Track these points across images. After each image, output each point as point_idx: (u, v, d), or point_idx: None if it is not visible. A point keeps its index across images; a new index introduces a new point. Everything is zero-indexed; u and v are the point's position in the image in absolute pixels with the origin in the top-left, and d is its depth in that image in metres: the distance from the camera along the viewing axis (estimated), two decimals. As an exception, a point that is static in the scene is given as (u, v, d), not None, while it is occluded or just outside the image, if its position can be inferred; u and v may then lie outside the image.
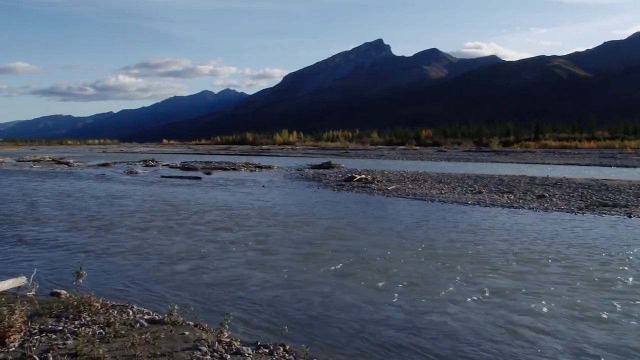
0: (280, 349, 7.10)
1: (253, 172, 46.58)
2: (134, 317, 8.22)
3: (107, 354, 6.45)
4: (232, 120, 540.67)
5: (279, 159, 75.39)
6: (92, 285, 10.00)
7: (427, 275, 11.17)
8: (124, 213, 20.98)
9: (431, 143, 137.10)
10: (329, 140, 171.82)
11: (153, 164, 58.86)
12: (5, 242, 15.15)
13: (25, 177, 42.18)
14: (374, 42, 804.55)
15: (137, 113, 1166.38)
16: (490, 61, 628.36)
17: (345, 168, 48.34)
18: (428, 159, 68.81)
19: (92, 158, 78.82)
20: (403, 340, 7.70)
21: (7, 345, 6.70)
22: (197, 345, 7.01)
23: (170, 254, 13.55)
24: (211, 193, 28.71)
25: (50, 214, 20.97)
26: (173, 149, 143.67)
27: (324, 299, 9.66)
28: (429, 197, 25.07)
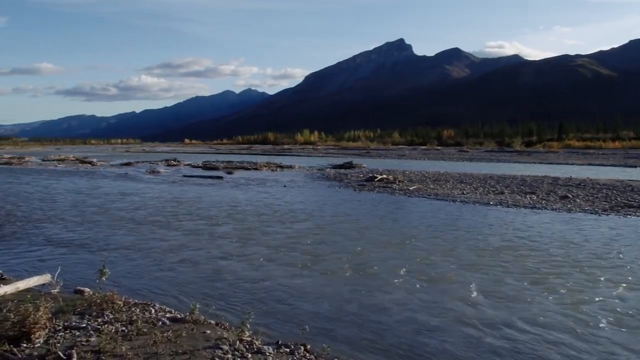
0: (301, 349, 7.11)
1: (274, 171, 46.67)
2: (156, 315, 8.28)
3: (129, 352, 6.51)
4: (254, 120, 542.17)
5: (300, 158, 75.45)
6: (115, 283, 10.10)
7: (451, 277, 11.11)
8: (146, 212, 21.14)
9: (453, 143, 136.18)
10: (350, 140, 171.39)
11: (175, 163, 59.19)
12: (30, 240, 15.36)
13: (50, 176, 42.70)
14: (395, 42, 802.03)
15: (160, 113, 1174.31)
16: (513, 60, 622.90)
17: (367, 168, 48.25)
18: (450, 159, 68.40)
19: (115, 157, 79.50)
20: (426, 342, 7.67)
21: (33, 341, 6.79)
22: (218, 343, 7.05)
23: (192, 253, 13.64)
24: (232, 192, 28.83)
25: (73, 212, 21.21)
26: (195, 149, 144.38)
27: (345, 299, 9.66)
28: (451, 197, 24.92)
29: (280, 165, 52.04)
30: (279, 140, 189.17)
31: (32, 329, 6.85)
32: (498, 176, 35.66)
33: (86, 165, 59.41)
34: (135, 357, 6.42)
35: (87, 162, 63.91)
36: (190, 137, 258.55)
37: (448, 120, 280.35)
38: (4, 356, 6.34)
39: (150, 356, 6.48)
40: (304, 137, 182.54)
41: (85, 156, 78.59)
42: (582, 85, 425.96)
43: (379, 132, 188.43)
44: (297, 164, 55.07)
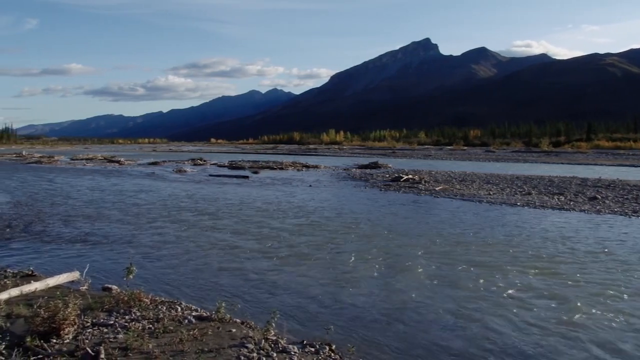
0: (326, 348, 7.11)
1: (300, 171, 46.73)
2: (182, 313, 8.35)
3: (156, 349, 6.57)
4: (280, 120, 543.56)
5: (325, 158, 75.44)
6: (141, 281, 10.20)
7: (478, 279, 11.02)
8: (173, 211, 21.32)
9: (479, 143, 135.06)
10: (376, 140, 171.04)
11: (201, 162, 59.62)
12: (59, 238, 15.58)
13: (78, 174, 43.29)
14: (421, 41, 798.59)
15: (186, 113, 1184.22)
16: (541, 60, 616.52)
17: (392, 168, 48.10)
18: (476, 160, 67.84)
19: (142, 157, 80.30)
20: (449, 343, 7.62)
21: (62, 337, 6.89)
22: (243, 342, 7.08)
23: (218, 251, 13.72)
24: (258, 192, 28.93)
25: (101, 210, 21.47)
26: (221, 148, 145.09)
27: (370, 299, 9.65)
28: (477, 197, 24.73)
29: (305, 165, 52.08)
30: (305, 140, 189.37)
31: (61, 325, 6.96)
32: (525, 177, 35.29)
33: (114, 164, 60.11)
34: (161, 354, 6.48)
35: (114, 161, 64.69)
36: (216, 137, 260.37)
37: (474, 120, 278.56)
38: (34, 351, 6.44)
39: (176, 354, 6.54)
40: (330, 137, 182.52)
41: (113, 155, 79.54)
42: (612, 84, 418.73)
43: (404, 132, 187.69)
44: (322, 164, 55.05)
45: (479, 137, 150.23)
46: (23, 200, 24.80)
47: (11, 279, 10.23)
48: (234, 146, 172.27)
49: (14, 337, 6.87)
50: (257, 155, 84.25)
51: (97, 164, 60.02)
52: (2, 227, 17.25)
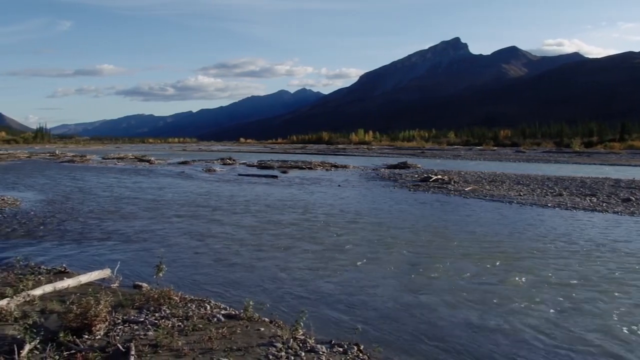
0: (354, 348, 7.11)
1: (329, 171, 46.75)
2: (211, 311, 8.42)
3: (185, 347, 6.63)
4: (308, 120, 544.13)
5: (354, 158, 75.33)
6: (171, 279, 10.29)
7: (509, 281, 10.93)
8: (202, 210, 21.49)
9: (509, 143, 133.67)
10: (405, 140, 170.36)
11: (230, 162, 59.93)
12: (91, 236, 15.81)
13: (109, 173, 43.88)
14: (451, 41, 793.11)
15: (216, 112, 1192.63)
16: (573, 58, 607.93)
17: (422, 168, 47.84)
18: (506, 160, 67.16)
19: (172, 156, 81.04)
20: (479, 346, 7.57)
21: (94, 333, 7.00)
22: (272, 341, 7.11)
23: (247, 250, 13.79)
24: (287, 191, 29.00)
25: (132, 209, 21.73)
26: (250, 148, 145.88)
27: (400, 300, 9.61)
28: (507, 198, 24.48)
29: (334, 165, 52.09)
30: (334, 139, 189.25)
31: (93, 321, 7.07)
32: (556, 177, 34.84)
33: (144, 163, 60.80)
34: (190, 352, 6.54)
35: (145, 160, 65.43)
36: (246, 137, 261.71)
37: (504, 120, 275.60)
38: (67, 346, 6.55)
39: (205, 351, 6.59)
40: (359, 137, 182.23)
41: (144, 154, 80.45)
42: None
43: (434, 132, 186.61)
44: (351, 164, 55.00)
45: (509, 137, 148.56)
46: (56, 199, 25.22)
47: (45, 276, 10.43)
48: (263, 146, 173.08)
49: (47, 332, 7.00)
50: (286, 155, 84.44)
51: (127, 163, 60.75)
52: (36, 225, 17.57)
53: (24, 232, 16.29)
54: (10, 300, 8.05)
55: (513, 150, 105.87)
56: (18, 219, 18.87)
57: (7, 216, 19.40)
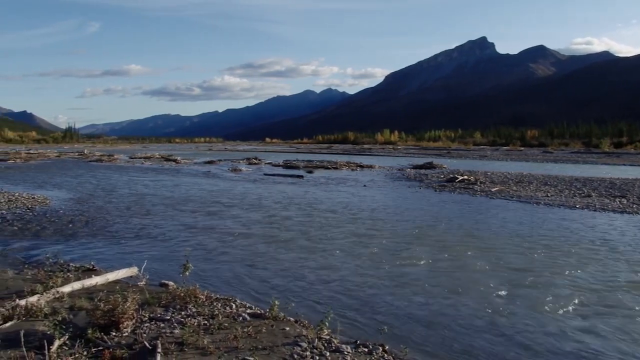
0: (379, 349, 7.09)
1: (354, 171, 46.69)
2: (237, 310, 8.46)
3: (211, 345, 6.67)
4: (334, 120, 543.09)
5: (380, 158, 75.14)
6: (197, 277, 10.36)
7: (537, 283, 10.82)
8: (227, 209, 21.62)
9: (537, 144, 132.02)
10: (431, 140, 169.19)
11: (256, 162, 60.07)
12: (118, 234, 16.00)
13: (136, 172, 44.33)
14: (477, 40, 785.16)
15: (241, 112, 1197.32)
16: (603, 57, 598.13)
17: (448, 168, 47.54)
18: (533, 160, 66.44)
19: (198, 156, 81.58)
20: (506, 350, 7.50)
21: (121, 330, 7.08)
22: (297, 340, 7.12)
23: (273, 249, 13.85)
24: (312, 191, 29.04)
25: (159, 208, 21.93)
26: (275, 148, 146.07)
27: (425, 301, 9.58)
28: (534, 199, 24.23)
29: (360, 165, 52.01)
30: (359, 139, 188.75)
31: (120, 318, 7.15)
32: (584, 178, 34.40)
33: (171, 163, 61.29)
34: (216, 350, 6.58)
35: (171, 159, 65.96)
36: (271, 136, 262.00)
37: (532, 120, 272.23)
38: (95, 342, 6.64)
39: (230, 350, 6.62)
40: (384, 137, 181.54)
41: (170, 154, 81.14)
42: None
43: (460, 132, 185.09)
44: (377, 164, 54.86)
45: (537, 137, 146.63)
46: (84, 198, 25.54)
47: (74, 273, 10.57)
48: (289, 146, 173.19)
49: (76, 329, 7.10)
50: (311, 155, 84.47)
51: (154, 163, 61.30)
52: (65, 223, 17.82)
53: (53, 230, 16.53)
54: (40, 297, 8.18)
55: (540, 150, 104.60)
56: (48, 217, 19.15)
57: (37, 214, 19.70)
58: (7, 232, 16.00)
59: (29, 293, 8.51)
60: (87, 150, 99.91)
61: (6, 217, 18.68)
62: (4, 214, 19.53)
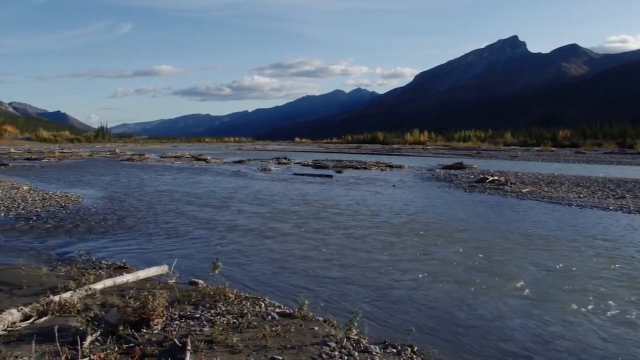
0: (408, 350, 7.07)
1: (383, 171, 46.55)
2: (266, 309, 8.50)
3: (239, 343, 6.71)
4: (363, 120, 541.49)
5: (409, 158, 74.80)
6: (226, 276, 10.43)
7: (568, 286, 10.68)
8: (256, 208, 21.73)
9: (569, 144, 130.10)
10: (461, 140, 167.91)
11: (285, 161, 60.19)
12: (149, 232, 16.19)
13: (167, 171, 44.80)
14: (508, 39, 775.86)
15: (271, 112, 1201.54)
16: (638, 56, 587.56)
17: (477, 169, 47.13)
18: (565, 161, 65.52)
19: (228, 155, 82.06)
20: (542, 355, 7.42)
21: (151, 327, 7.16)
22: (325, 340, 7.12)
23: (302, 249, 13.88)
24: (342, 191, 29.03)
25: (189, 207, 22.14)
26: (304, 147, 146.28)
27: (454, 302, 9.51)
28: (566, 201, 23.91)
29: (389, 165, 51.81)
30: (389, 139, 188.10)
31: (151, 316, 7.23)
32: (618, 179, 33.82)
33: (201, 162, 61.76)
34: (245, 349, 6.61)
35: (201, 159, 66.44)
36: (300, 136, 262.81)
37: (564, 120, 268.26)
38: (126, 339, 6.73)
39: (259, 349, 6.65)
40: (414, 137, 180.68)
41: (200, 154, 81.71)
42: None
43: (490, 132, 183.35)
44: (406, 164, 54.60)
45: (569, 137, 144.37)
46: (116, 196, 25.88)
47: (105, 270, 10.74)
48: (318, 145, 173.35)
49: (108, 325, 7.21)
50: (340, 155, 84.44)
51: (184, 162, 61.83)
52: (97, 221, 18.08)
53: (85, 228, 16.78)
54: (73, 293, 8.31)
55: (572, 151, 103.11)
56: (80, 215, 19.45)
57: (70, 212, 20.02)
58: (41, 230, 16.29)
59: (63, 289, 8.64)
60: (118, 150, 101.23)
61: (41, 215, 19.01)
62: (38, 211, 19.89)
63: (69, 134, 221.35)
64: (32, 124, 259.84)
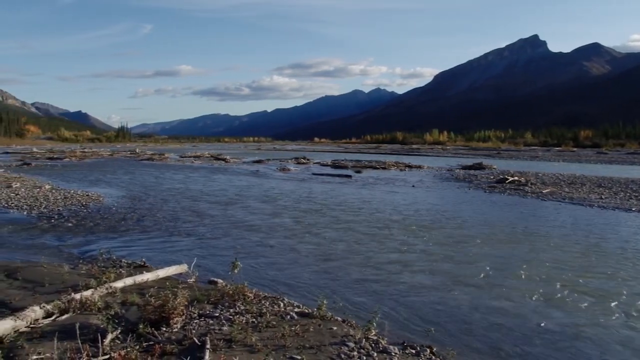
0: (427, 351, 7.04)
1: (403, 171, 46.42)
2: (285, 309, 8.50)
3: (258, 342, 6.71)
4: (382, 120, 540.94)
5: (428, 158, 74.52)
6: (245, 276, 10.45)
7: (591, 289, 10.58)
8: (276, 208, 21.77)
9: (590, 144, 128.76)
10: (480, 141, 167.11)
11: (304, 161, 60.24)
12: (169, 231, 16.29)
13: (186, 171, 45.04)
14: (529, 38, 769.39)
15: (290, 112, 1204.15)
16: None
17: (497, 169, 46.80)
18: (586, 162, 64.87)
19: (247, 155, 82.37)
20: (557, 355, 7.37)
21: (171, 325, 7.21)
22: (344, 340, 7.10)
23: (322, 249, 13.89)
24: (361, 191, 29.01)
25: (208, 206, 22.23)
26: (324, 147, 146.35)
27: (474, 303, 9.45)
28: (587, 201, 23.67)
29: (408, 165, 51.65)
30: (408, 139, 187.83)
31: (170, 314, 7.28)
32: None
33: (220, 162, 62.02)
34: (264, 348, 6.61)
35: (220, 159, 66.75)
36: (320, 136, 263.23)
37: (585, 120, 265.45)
38: (146, 337, 6.78)
39: (278, 348, 6.66)
40: (433, 137, 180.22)
41: (219, 153, 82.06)
42: None
43: (510, 132, 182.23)
44: (425, 164, 54.40)
45: (590, 138, 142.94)
46: (136, 195, 26.07)
47: (125, 269, 10.82)
48: (337, 145, 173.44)
49: (128, 323, 7.26)
50: (359, 155, 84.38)
51: (204, 162, 62.12)
52: (118, 220, 18.23)
53: (106, 227, 16.93)
54: (94, 291, 8.38)
55: (594, 151, 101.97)
56: (101, 214, 19.63)
57: (91, 211, 20.21)
58: (63, 228, 16.46)
59: (84, 287, 8.73)
60: (138, 149, 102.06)
61: (62, 214, 19.21)
62: (60, 210, 20.10)
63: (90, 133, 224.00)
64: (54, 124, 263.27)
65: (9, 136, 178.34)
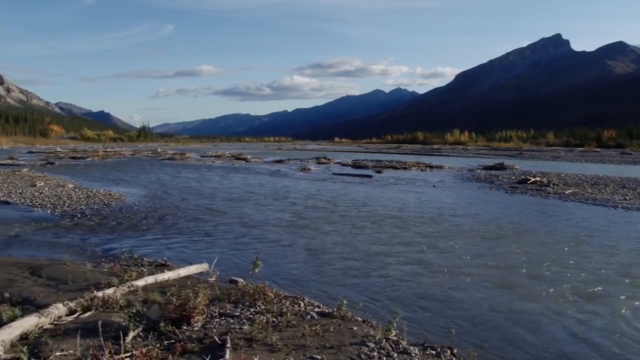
0: (447, 352, 7.01)
1: (423, 171, 46.23)
2: (305, 309, 8.51)
3: (279, 342, 6.74)
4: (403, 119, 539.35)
5: (449, 158, 74.17)
6: (266, 275, 10.49)
7: (614, 291, 10.47)
8: (297, 207, 21.79)
9: (614, 145, 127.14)
10: (502, 141, 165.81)
11: (325, 161, 60.26)
12: (190, 230, 16.38)
13: (207, 171, 45.29)
14: (551, 37, 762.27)
15: (310, 112, 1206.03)
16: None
17: (519, 169, 46.43)
18: (610, 162, 64.13)
19: (268, 154, 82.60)
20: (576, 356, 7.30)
21: (192, 324, 7.24)
22: (364, 341, 7.10)
23: (342, 249, 13.87)
24: (382, 191, 28.94)
25: (229, 205, 22.33)
26: (344, 147, 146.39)
27: (494, 305, 9.40)
28: (611, 203, 23.40)
29: (429, 165, 51.44)
30: (429, 139, 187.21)
31: (191, 313, 7.31)
32: (666, 181, 32.98)
33: (241, 161, 62.27)
34: (284, 347, 6.63)
35: (241, 158, 67.01)
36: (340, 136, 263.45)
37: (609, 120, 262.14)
38: (167, 335, 6.83)
39: (298, 348, 6.67)
40: (454, 137, 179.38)
41: (240, 153, 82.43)
42: None
43: (532, 132, 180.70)
44: (446, 164, 54.15)
45: (614, 138, 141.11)
46: (157, 194, 26.26)
47: (147, 268, 10.90)
48: (358, 145, 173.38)
49: (149, 322, 7.31)
50: (380, 155, 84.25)
51: (225, 162, 62.38)
52: (139, 219, 18.38)
53: (128, 226, 17.08)
54: (116, 290, 8.46)
55: (618, 152, 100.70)
56: (123, 212, 19.80)
57: (113, 210, 20.40)
58: (85, 227, 16.62)
59: (106, 285, 8.82)
60: (160, 149, 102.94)
61: (85, 213, 19.41)
62: (83, 209, 20.31)
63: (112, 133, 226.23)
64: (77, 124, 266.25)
65: (33, 136, 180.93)
